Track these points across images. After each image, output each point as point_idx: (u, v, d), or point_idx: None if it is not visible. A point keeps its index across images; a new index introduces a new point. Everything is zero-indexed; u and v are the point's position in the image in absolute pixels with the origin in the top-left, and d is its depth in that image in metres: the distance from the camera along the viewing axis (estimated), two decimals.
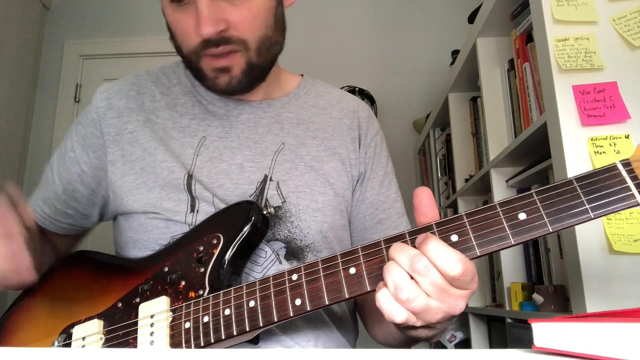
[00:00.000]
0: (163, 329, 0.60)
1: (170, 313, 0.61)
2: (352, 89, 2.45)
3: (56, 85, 2.71)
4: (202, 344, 0.57)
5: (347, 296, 0.52)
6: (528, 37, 1.31)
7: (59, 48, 2.77)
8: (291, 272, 0.56)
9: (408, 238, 0.51)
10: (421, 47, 2.65)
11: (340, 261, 0.53)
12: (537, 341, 0.38)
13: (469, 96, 1.90)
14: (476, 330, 1.81)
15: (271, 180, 0.73)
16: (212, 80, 0.71)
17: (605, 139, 0.91)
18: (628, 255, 0.85)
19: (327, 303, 0.53)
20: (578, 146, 0.92)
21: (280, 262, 0.70)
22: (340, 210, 0.77)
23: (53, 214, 0.80)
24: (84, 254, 0.78)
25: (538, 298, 1.16)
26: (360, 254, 0.53)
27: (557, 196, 0.47)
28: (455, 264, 0.46)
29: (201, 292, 0.62)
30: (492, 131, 1.50)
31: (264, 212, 0.66)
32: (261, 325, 0.55)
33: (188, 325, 0.59)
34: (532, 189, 0.49)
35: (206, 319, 0.58)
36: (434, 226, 0.51)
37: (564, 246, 1.07)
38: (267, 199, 0.72)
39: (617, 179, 0.46)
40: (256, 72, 0.73)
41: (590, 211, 0.46)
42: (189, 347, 0.58)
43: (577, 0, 1.00)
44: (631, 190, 0.46)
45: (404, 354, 0.40)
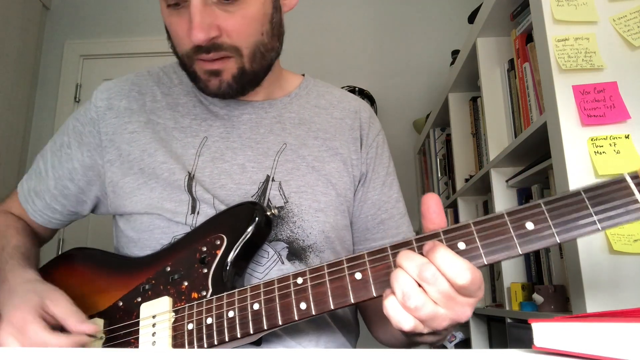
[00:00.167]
0: (165, 330, 0.60)
1: (172, 314, 0.61)
2: (352, 89, 2.44)
3: (56, 85, 2.71)
4: (205, 346, 0.57)
5: (353, 301, 0.52)
6: (528, 37, 1.31)
7: (59, 48, 2.77)
8: (296, 276, 0.55)
9: (415, 245, 0.51)
10: (421, 47, 2.65)
11: (346, 266, 0.53)
12: (537, 341, 0.38)
13: (469, 96, 1.90)
14: (476, 330, 1.81)
15: (273, 180, 0.73)
16: (204, 82, 0.71)
17: (605, 139, 0.91)
18: (628, 255, 0.85)
19: (333, 308, 0.53)
20: (578, 146, 0.92)
21: (282, 263, 0.70)
22: (342, 210, 0.77)
23: (43, 208, 0.80)
24: (84, 251, 0.78)
25: (538, 298, 1.16)
26: (366, 259, 0.52)
27: (565, 207, 0.47)
28: (463, 273, 0.45)
29: (204, 293, 0.62)
30: (492, 131, 1.50)
31: (268, 213, 0.66)
32: (265, 328, 0.55)
33: (191, 326, 0.59)
34: (533, 190, 0.49)
35: (210, 321, 0.58)
36: (441, 233, 0.50)
37: (564, 246, 1.07)
38: (270, 199, 0.72)
39: (625, 192, 0.46)
40: (248, 78, 0.72)
41: (597, 223, 0.46)
42: (192, 349, 0.58)
43: (577, 0, 1.00)
44: (639, 202, 0.46)
45: (404, 354, 0.40)
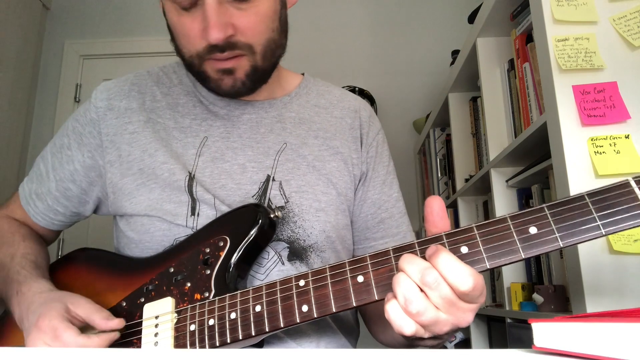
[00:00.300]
0: (168, 330, 0.60)
1: (175, 314, 0.61)
2: (352, 89, 2.45)
3: (56, 85, 2.71)
4: (207, 347, 0.57)
5: (355, 304, 0.52)
6: (528, 37, 1.31)
7: (59, 48, 2.77)
8: (298, 278, 0.55)
9: (417, 248, 0.51)
10: (421, 47, 2.65)
11: (348, 269, 0.53)
12: (537, 341, 0.38)
13: (469, 96, 1.90)
14: (476, 330, 1.81)
15: (274, 180, 0.73)
16: (216, 82, 0.71)
17: (605, 139, 0.92)
18: (628, 255, 0.86)
19: (334, 310, 0.52)
20: (578, 146, 0.92)
21: (282, 263, 0.70)
22: (342, 209, 0.77)
23: (45, 210, 0.80)
24: (87, 252, 0.78)
25: (538, 298, 1.16)
26: (368, 262, 0.52)
27: (569, 211, 0.47)
28: (465, 279, 0.45)
29: (207, 295, 0.62)
30: (492, 131, 1.50)
31: (271, 216, 0.66)
32: (267, 330, 0.55)
33: (193, 327, 0.59)
34: (533, 190, 0.49)
35: (212, 322, 0.58)
36: (444, 237, 0.50)
37: None
38: (270, 199, 0.72)
39: (630, 196, 0.46)
40: (260, 75, 0.72)
41: (601, 227, 0.46)
42: (194, 349, 0.58)
43: (577, 0, 1.00)
44: None
45: (404, 354, 0.40)
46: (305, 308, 0.54)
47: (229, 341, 0.57)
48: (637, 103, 0.93)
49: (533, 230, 0.47)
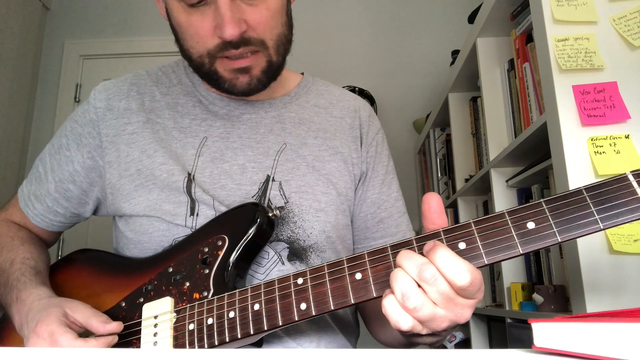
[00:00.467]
0: (167, 330, 0.60)
1: (174, 314, 0.61)
2: (352, 89, 2.45)
3: (56, 85, 2.71)
4: (206, 346, 0.57)
5: (353, 302, 0.52)
6: (528, 37, 1.31)
7: (59, 48, 2.77)
8: (296, 276, 0.55)
9: (415, 245, 0.51)
10: (421, 47, 2.65)
11: (346, 266, 0.53)
12: (537, 341, 0.38)
13: (469, 96, 1.90)
14: (476, 330, 1.81)
15: (273, 180, 0.73)
16: (231, 81, 0.70)
17: (605, 139, 0.92)
18: (628, 255, 0.85)
19: (333, 308, 0.52)
20: (578, 146, 0.92)
21: (282, 264, 0.70)
22: (342, 209, 0.77)
23: (45, 212, 0.79)
24: (88, 253, 0.78)
25: (538, 298, 1.16)
26: (366, 260, 0.52)
27: (567, 206, 0.47)
28: (463, 274, 0.45)
29: (205, 294, 0.62)
30: (492, 131, 1.50)
31: (270, 215, 0.66)
32: (266, 329, 0.55)
33: (192, 326, 0.59)
34: (533, 190, 0.49)
35: (210, 321, 0.58)
36: (442, 233, 0.50)
37: (564, 246, 1.07)
38: (270, 200, 0.72)
39: (628, 190, 0.45)
40: (274, 71, 0.72)
41: (599, 222, 0.45)
42: (193, 349, 0.58)
43: (577, 0, 1.00)
44: None
45: (404, 354, 0.40)
46: (303, 306, 0.54)
47: (228, 340, 0.57)
48: (637, 103, 0.93)
49: (531, 225, 0.47)
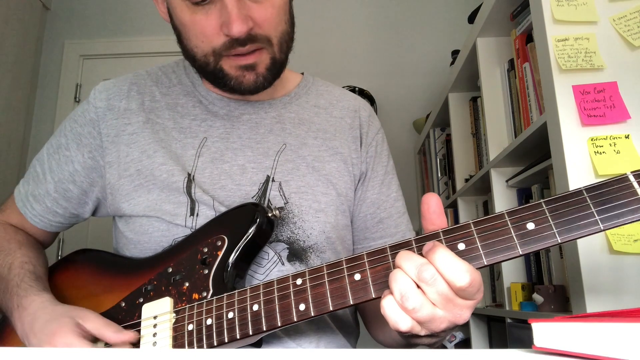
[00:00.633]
0: (166, 330, 0.60)
1: (173, 314, 0.61)
2: (352, 89, 2.44)
3: (56, 85, 2.71)
4: (205, 347, 0.57)
5: (352, 302, 0.52)
6: (528, 37, 1.31)
7: (59, 48, 2.77)
8: (295, 277, 0.55)
9: (414, 245, 0.51)
10: (421, 47, 2.65)
11: (345, 267, 0.53)
12: (537, 341, 0.38)
13: (469, 96, 1.90)
14: (476, 330, 1.81)
15: (273, 181, 0.73)
16: (237, 79, 0.70)
17: (605, 139, 0.92)
18: (628, 255, 0.85)
19: (332, 309, 0.52)
20: (578, 146, 0.92)
21: (282, 264, 0.70)
22: (342, 210, 0.77)
23: (43, 212, 0.79)
24: (88, 253, 0.78)
25: (538, 298, 1.16)
26: (365, 260, 0.52)
27: (567, 206, 0.46)
28: (462, 275, 0.45)
29: (205, 294, 0.62)
30: (492, 131, 1.50)
31: (269, 215, 0.66)
32: (264, 329, 0.55)
33: (191, 327, 0.59)
34: (533, 190, 0.48)
35: (209, 322, 0.58)
36: (441, 234, 0.50)
37: (564, 246, 1.07)
38: (270, 200, 0.72)
39: (629, 190, 0.45)
40: (278, 68, 0.72)
41: (600, 222, 0.45)
42: (192, 349, 0.58)
43: (577, 0, 1.00)
44: None
45: (404, 354, 0.40)
46: (302, 307, 0.54)
47: (227, 340, 0.56)
48: (637, 103, 0.93)
49: (531, 226, 0.47)
